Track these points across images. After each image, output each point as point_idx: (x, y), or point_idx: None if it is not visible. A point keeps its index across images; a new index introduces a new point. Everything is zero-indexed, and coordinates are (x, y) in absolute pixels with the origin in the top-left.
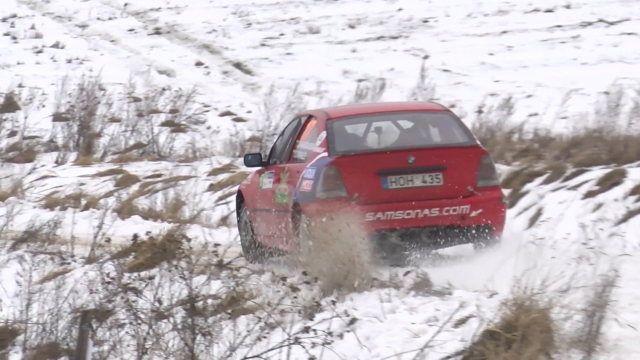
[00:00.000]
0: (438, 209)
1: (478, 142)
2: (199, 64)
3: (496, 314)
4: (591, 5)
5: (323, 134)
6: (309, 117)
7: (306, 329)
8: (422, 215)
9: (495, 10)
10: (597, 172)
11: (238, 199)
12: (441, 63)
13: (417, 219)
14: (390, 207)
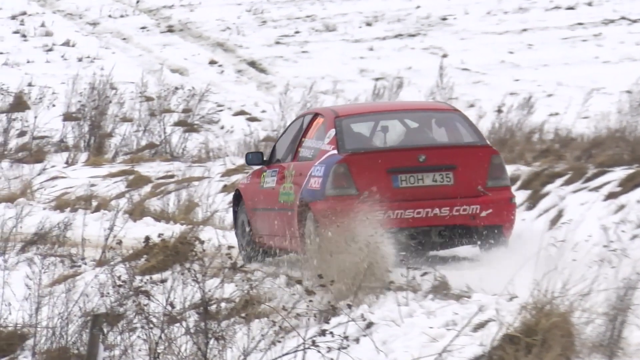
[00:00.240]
0: (448, 209)
1: (488, 142)
2: (213, 63)
3: (516, 318)
4: (613, 2)
5: (332, 132)
6: (315, 116)
7: (322, 332)
8: (433, 214)
9: (515, 7)
10: (619, 173)
11: (235, 199)
12: (460, 62)
13: (427, 218)
14: (400, 206)
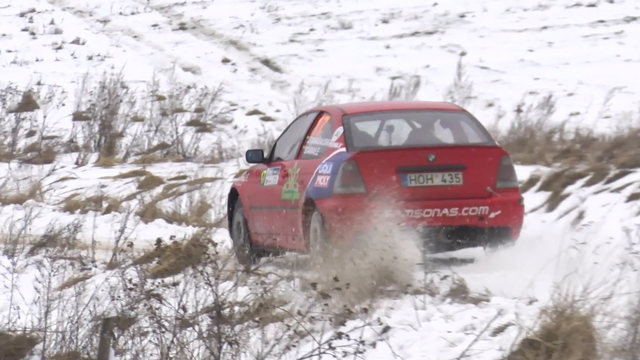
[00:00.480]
0: (457, 209)
1: (496, 143)
2: (226, 61)
3: (536, 322)
4: None
5: (339, 130)
6: (320, 114)
7: (338, 335)
8: (441, 214)
9: (535, 4)
10: None
11: (230, 197)
12: (478, 60)
13: (436, 218)
14: (409, 205)
